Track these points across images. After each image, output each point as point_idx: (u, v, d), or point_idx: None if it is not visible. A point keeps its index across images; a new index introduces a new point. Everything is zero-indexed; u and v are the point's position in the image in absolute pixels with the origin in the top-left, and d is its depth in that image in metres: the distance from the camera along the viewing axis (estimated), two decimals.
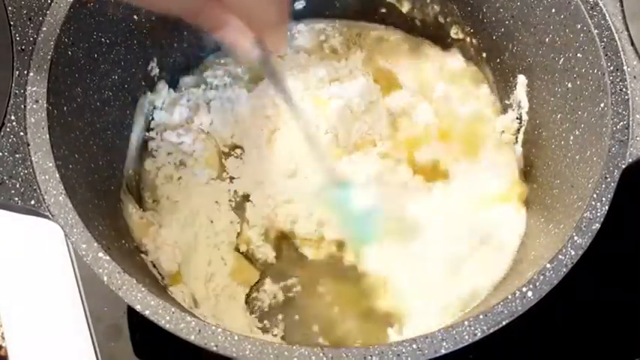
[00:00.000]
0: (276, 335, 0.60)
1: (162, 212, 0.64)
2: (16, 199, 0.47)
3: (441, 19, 0.70)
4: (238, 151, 0.68)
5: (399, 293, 0.60)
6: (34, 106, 0.50)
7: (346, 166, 0.64)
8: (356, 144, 0.66)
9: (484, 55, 0.68)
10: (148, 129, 0.68)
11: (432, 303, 0.59)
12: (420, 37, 0.73)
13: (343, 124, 0.65)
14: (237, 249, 0.63)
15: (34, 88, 0.50)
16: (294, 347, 0.43)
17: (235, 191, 0.66)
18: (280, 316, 0.61)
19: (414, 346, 0.43)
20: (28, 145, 0.49)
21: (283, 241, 0.64)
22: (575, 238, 0.47)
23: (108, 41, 0.58)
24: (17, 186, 0.48)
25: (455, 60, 0.71)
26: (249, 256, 0.63)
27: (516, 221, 0.61)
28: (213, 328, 0.43)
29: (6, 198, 0.47)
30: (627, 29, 0.53)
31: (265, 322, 0.61)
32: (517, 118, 0.66)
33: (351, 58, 0.72)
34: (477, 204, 0.63)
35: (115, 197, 0.60)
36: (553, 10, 0.57)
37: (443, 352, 0.43)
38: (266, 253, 0.63)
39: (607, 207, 0.48)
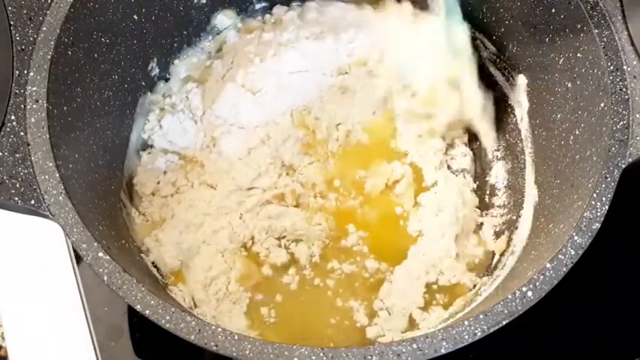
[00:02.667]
0: None
1: (162, 216, 0.64)
2: (16, 198, 0.47)
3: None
4: None
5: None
6: (34, 105, 0.50)
7: None
8: None
9: (484, 54, 0.68)
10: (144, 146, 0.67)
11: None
12: None
13: None
14: (247, 254, 0.63)
15: (34, 88, 0.50)
16: (294, 347, 0.43)
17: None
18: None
19: (414, 345, 0.43)
20: (28, 144, 0.49)
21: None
22: (575, 237, 0.47)
23: (108, 41, 0.58)
24: (17, 186, 0.48)
25: None
26: (259, 261, 0.63)
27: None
28: (213, 327, 0.43)
29: (6, 198, 0.47)
30: (627, 29, 0.53)
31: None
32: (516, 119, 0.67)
33: None
34: None
35: (115, 197, 0.60)
36: (553, 10, 0.57)
37: (443, 351, 0.43)
38: (279, 256, 0.63)
39: (607, 207, 0.48)
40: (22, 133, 0.49)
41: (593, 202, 0.48)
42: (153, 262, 0.60)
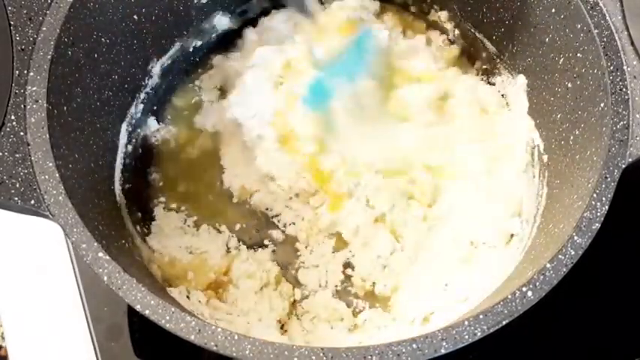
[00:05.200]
0: None
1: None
2: (16, 198, 0.47)
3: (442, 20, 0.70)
4: None
5: None
6: (34, 105, 0.50)
7: None
8: None
9: (484, 55, 0.68)
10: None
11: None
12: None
13: None
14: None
15: (34, 88, 0.50)
16: (294, 347, 0.42)
17: None
18: None
19: (414, 345, 0.43)
20: (28, 144, 0.49)
21: None
22: (575, 237, 0.47)
23: (108, 41, 0.58)
24: (17, 186, 0.48)
25: None
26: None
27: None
28: (213, 327, 0.43)
29: (6, 198, 0.47)
30: (627, 29, 0.52)
31: None
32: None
33: None
34: None
35: (115, 197, 0.60)
36: (553, 10, 0.57)
37: (443, 351, 0.43)
38: None
39: (607, 207, 0.48)
40: (22, 133, 0.49)
41: (593, 202, 0.48)
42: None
